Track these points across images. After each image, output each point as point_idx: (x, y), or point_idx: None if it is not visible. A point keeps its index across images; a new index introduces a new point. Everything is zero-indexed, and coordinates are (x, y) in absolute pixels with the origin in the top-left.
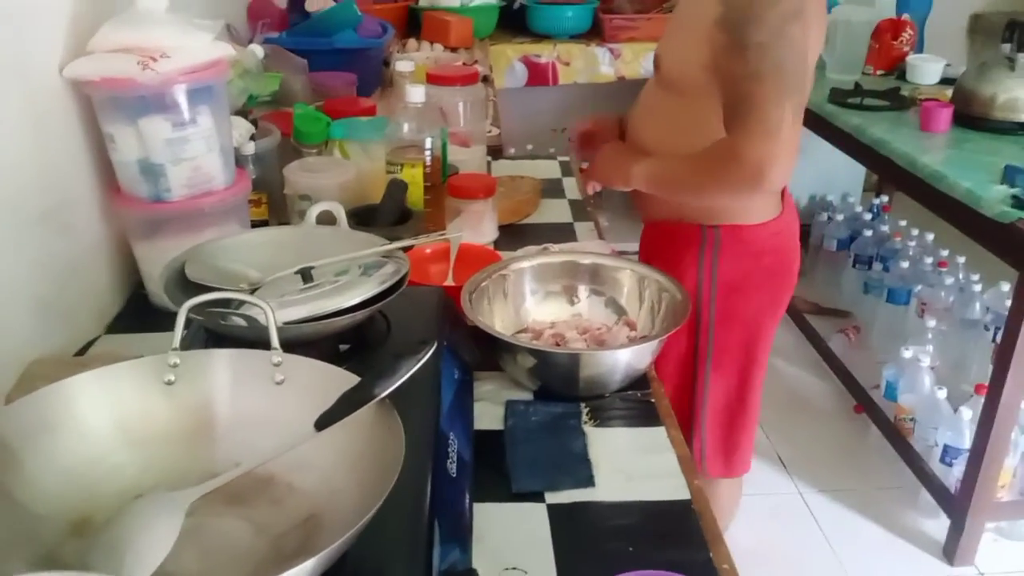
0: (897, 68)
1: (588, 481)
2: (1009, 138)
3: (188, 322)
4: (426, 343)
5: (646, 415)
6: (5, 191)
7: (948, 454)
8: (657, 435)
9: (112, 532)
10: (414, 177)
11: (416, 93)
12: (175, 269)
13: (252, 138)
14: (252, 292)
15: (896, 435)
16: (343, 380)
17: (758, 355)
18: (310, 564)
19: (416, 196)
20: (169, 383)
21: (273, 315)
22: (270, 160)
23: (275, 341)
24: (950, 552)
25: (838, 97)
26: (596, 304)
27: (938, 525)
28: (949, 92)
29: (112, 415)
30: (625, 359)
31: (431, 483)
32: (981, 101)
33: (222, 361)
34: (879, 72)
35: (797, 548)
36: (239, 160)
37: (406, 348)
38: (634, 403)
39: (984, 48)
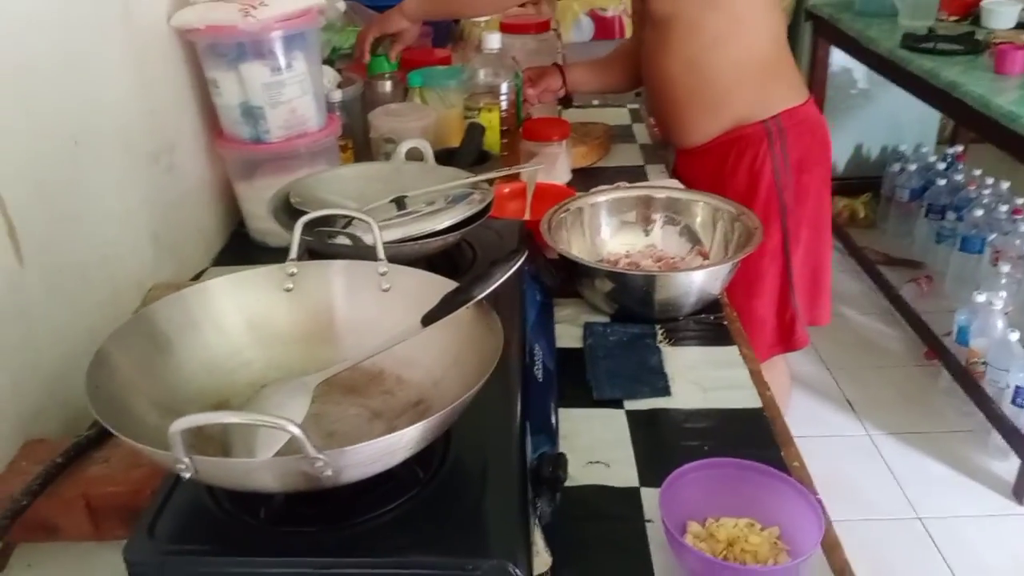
0: (971, 13)
1: (665, 391)
2: None
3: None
4: (517, 252)
5: (719, 335)
6: (117, 131)
7: (1020, 395)
8: (730, 353)
9: (251, 411)
10: (491, 121)
11: (492, 40)
12: (280, 199)
13: (338, 86)
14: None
15: (967, 379)
16: (443, 286)
17: (824, 219)
18: (420, 426)
19: (493, 139)
20: (288, 290)
21: (378, 228)
22: (354, 108)
23: (381, 252)
24: (1020, 492)
25: (910, 42)
26: (670, 234)
27: (1008, 467)
28: None
29: (242, 315)
30: (699, 281)
31: (521, 383)
32: None
33: (335, 271)
34: (952, 18)
35: (865, 486)
36: (328, 106)
37: (500, 257)
38: (707, 325)
39: None
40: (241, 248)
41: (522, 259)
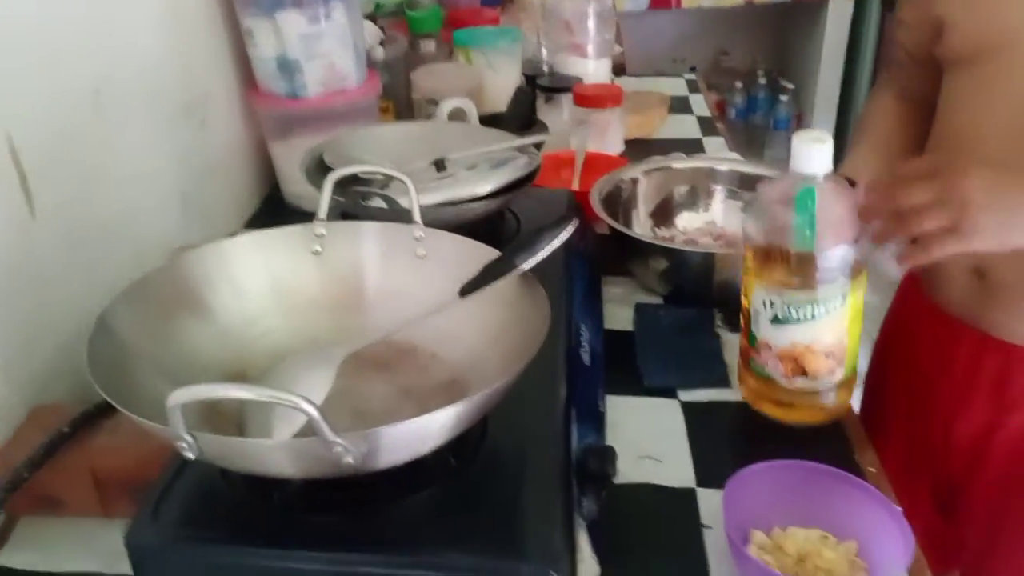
0: None
1: (723, 380)
2: None
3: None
4: (567, 219)
5: None
6: (147, 85)
7: None
8: None
9: (268, 384)
10: None
11: None
12: (314, 158)
13: (381, 44)
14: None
15: None
16: (484, 254)
17: None
18: (454, 409)
19: None
20: (316, 253)
21: (414, 189)
22: (398, 67)
23: (417, 215)
24: None
25: None
26: (732, 209)
27: None
28: None
29: (266, 278)
30: None
31: (567, 366)
32: None
33: (367, 233)
34: None
35: None
36: (369, 64)
37: (547, 224)
38: None
39: None
40: (275, 211)
41: (572, 227)
